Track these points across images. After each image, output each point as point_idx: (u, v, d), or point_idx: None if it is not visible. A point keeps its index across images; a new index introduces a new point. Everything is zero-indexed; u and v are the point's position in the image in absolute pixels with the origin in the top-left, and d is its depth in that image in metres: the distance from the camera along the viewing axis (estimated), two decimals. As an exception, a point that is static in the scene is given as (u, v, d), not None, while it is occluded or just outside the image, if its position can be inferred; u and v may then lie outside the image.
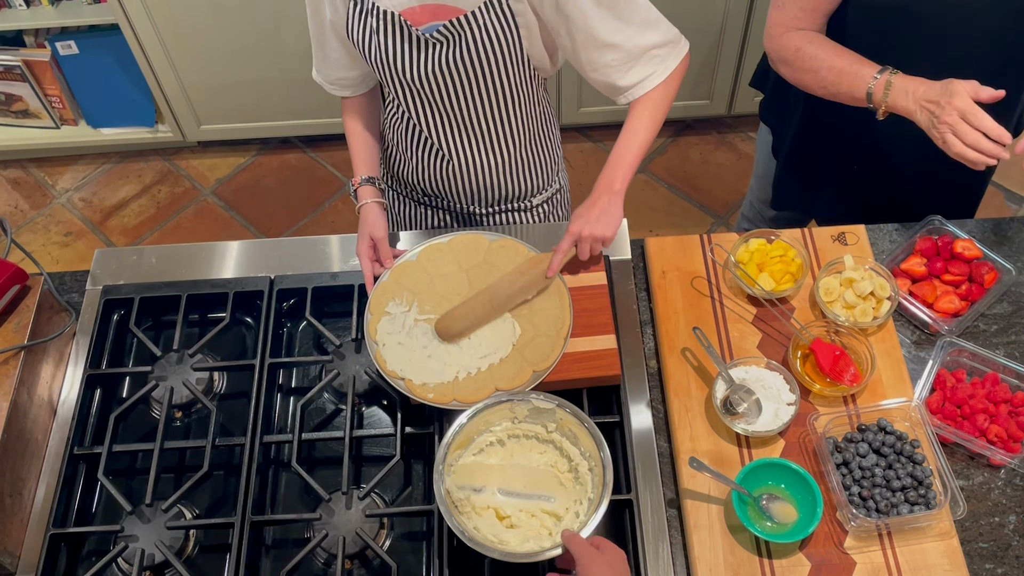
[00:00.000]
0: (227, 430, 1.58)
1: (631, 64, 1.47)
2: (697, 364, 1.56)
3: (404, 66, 1.49)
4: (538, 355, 1.47)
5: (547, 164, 1.77)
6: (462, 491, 1.36)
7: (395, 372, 1.46)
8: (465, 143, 1.64)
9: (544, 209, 1.84)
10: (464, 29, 1.42)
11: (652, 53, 1.48)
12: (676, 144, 3.35)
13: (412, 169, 1.76)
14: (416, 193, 1.83)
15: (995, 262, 1.63)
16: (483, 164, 1.68)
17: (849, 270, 1.61)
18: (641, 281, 1.69)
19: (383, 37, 1.47)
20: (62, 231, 3.24)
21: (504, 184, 1.74)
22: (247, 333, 1.71)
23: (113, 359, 1.65)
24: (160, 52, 2.93)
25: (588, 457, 1.37)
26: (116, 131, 3.29)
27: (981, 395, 1.49)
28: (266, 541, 1.48)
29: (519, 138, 1.66)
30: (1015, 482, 1.45)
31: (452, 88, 1.52)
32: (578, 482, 1.38)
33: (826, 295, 1.59)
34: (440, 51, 1.46)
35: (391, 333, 1.50)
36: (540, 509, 1.36)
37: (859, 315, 1.57)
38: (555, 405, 1.38)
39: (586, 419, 1.36)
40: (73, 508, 1.50)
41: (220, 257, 1.75)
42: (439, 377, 1.46)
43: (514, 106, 1.58)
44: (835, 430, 1.46)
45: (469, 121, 1.59)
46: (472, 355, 1.49)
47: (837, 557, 1.37)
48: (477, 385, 1.45)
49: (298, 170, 3.37)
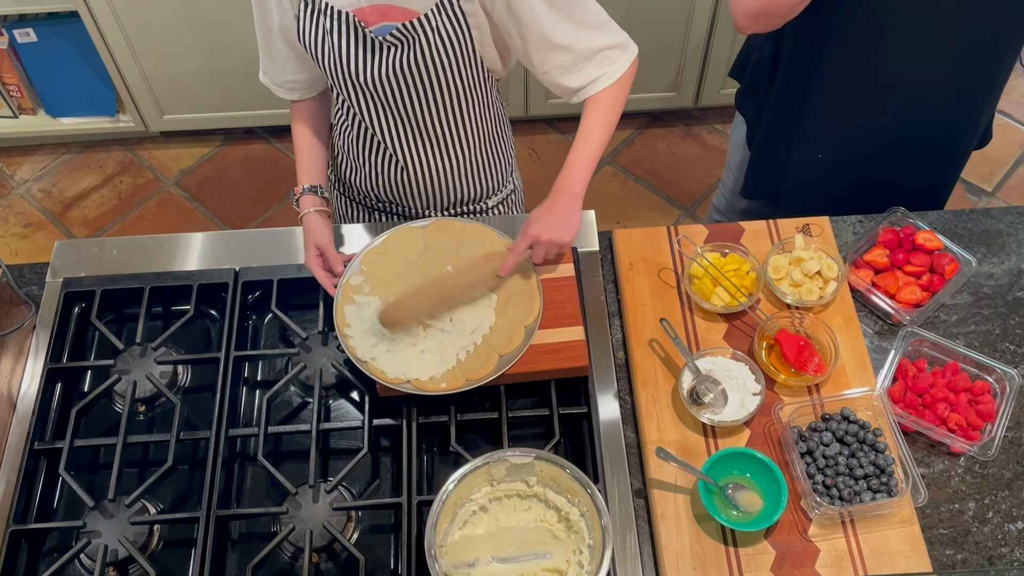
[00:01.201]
0: (192, 424, 1.57)
1: (582, 65, 1.47)
2: (664, 355, 1.57)
3: (358, 69, 1.48)
4: (521, 311, 1.50)
5: (501, 166, 1.77)
6: (457, 569, 1.33)
7: (400, 379, 1.44)
8: (419, 147, 1.63)
9: (499, 210, 1.83)
10: (417, 32, 1.41)
11: (603, 55, 1.47)
12: (643, 136, 3.36)
13: (364, 176, 1.74)
14: (369, 199, 1.81)
15: (956, 253, 1.66)
16: (438, 168, 1.67)
17: (799, 249, 1.63)
18: (609, 273, 1.70)
19: (336, 38, 1.45)
20: (21, 222, 3.18)
21: (459, 187, 1.73)
22: (212, 326, 1.69)
23: (74, 353, 1.62)
24: (121, 40, 2.88)
25: (577, 503, 1.36)
26: (76, 121, 3.23)
27: (942, 384, 1.52)
28: (232, 535, 1.47)
29: (474, 141, 1.65)
30: (974, 469, 1.47)
31: (406, 91, 1.50)
32: (572, 531, 1.37)
33: (774, 272, 1.62)
34: (393, 54, 1.45)
35: (375, 345, 1.48)
36: (540, 568, 1.35)
37: (804, 294, 1.59)
38: (532, 458, 1.36)
39: (567, 464, 1.34)
40: (34, 504, 1.47)
41: (184, 249, 1.72)
42: (443, 366, 1.45)
43: (468, 109, 1.58)
44: (799, 419, 1.48)
45: (423, 124, 1.58)
46: (463, 333, 1.49)
47: (801, 544, 1.39)
48: (480, 360, 1.46)
49: (263, 161, 3.33)
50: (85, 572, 1.43)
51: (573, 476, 1.33)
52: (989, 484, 1.46)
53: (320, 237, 1.58)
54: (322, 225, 1.60)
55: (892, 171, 1.84)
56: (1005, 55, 1.69)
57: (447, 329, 1.49)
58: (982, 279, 1.69)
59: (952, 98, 1.73)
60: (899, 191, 1.83)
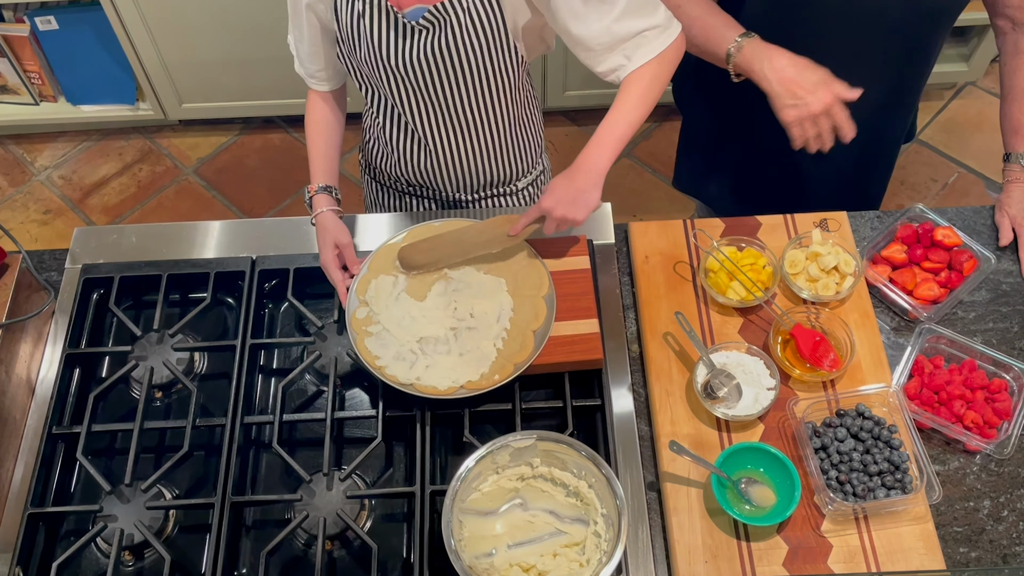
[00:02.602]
0: (208, 411, 1.58)
1: (616, 48, 1.44)
2: (679, 348, 1.56)
3: (389, 52, 1.48)
4: (532, 285, 1.53)
5: (531, 148, 1.77)
6: (479, 561, 1.34)
7: (453, 387, 1.44)
8: (449, 130, 1.63)
9: (529, 192, 1.83)
10: (449, 14, 1.41)
11: (640, 37, 1.44)
12: (661, 129, 3.34)
13: (395, 161, 1.74)
14: (400, 183, 1.82)
15: (974, 250, 1.64)
16: (468, 151, 1.67)
17: (816, 244, 1.62)
18: (624, 265, 1.69)
19: (368, 22, 1.45)
20: (41, 209, 3.21)
21: (489, 170, 1.73)
22: (228, 314, 1.70)
23: (92, 338, 1.64)
24: (141, 28, 2.89)
25: (584, 475, 1.37)
26: (96, 108, 3.25)
27: (958, 381, 1.51)
28: (246, 522, 1.48)
29: (503, 123, 1.65)
30: (990, 467, 1.46)
31: (437, 75, 1.50)
32: (584, 502, 1.38)
33: (791, 267, 1.61)
34: (425, 37, 1.45)
35: (412, 366, 1.47)
36: (559, 545, 1.36)
37: (821, 289, 1.58)
38: (534, 440, 1.36)
39: (565, 439, 1.35)
40: (51, 488, 1.49)
41: (201, 237, 1.73)
42: (487, 360, 1.47)
43: (498, 91, 1.57)
44: (814, 415, 1.48)
45: (453, 108, 1.58)
46: (490, 323, 1.50)
47: (814, 540, 1.38)
48: (518, 342, 1.48)
49: (281, 150, 3.35)
50: (101, 556, 1.44)
51: (574, 448, 1.35)
52: (1005, 482, 1.45)
53: (340, 235, 1.58)
54: (339, 222, 1.60)
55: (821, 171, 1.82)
56: (927, 58, 1.70)
57: (474, 325, 1.50)
58: (1000, 276, 1.67)
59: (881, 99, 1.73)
60: (829, 191, 1.85)
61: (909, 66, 1.69)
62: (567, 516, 1.38)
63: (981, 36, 3.16)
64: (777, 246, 1.66)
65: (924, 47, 1.67)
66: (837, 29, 1.60)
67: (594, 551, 1.33)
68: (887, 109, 1.77)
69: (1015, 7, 1.63)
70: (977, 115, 3.34)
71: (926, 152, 3.24)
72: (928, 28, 1.62)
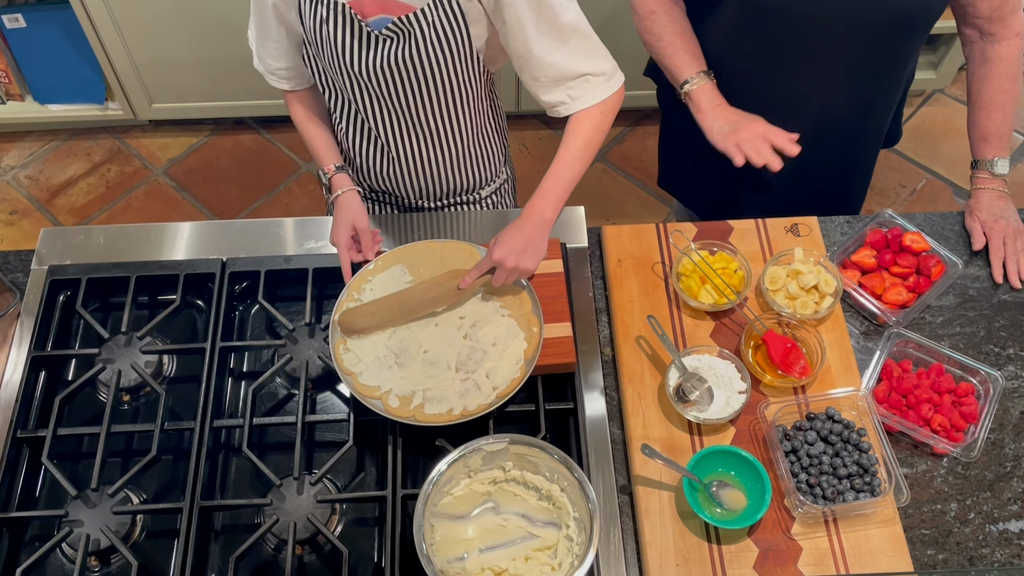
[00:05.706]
0: (176, 414, 1.56)
1: (560, 84, 1.48)
2: (651, 352, 1.57)
3: (353, 59, 1.47)
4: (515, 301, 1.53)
5: (495, 157, 1.77)
6: (450, 565, 1.33)
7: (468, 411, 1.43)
8: (413, 138, 1.62)
9: (492, 200, 1.83)
10: (413, 26, 1.41)
11: (584, 79, 1.48)
12: (634, 133, 3.36)
13: (358, 166, 1.73)
14: (362, 188, 1.80)
15: (942, 255, 1.66)
16: (431, 159, 1.67)
17: (797, 262, 1.63)
18: (597, 269, 1.70)
19: (332, 28, 1.45)
20: (7, 209, 3.16)
21: (452, 178, 1.73)
22: (198, 316, 1.69)
23: (59, 341, 1.61)
24: (111, 27, 2.86)
25: (556, 479, 1.37)
26: (64, 108, 3.21)
27: (926, 385, 1.53)
28: (215, 526, 1.47)
29: (467, 133, 1.65)
30: (957, 470, 1.48)
31: (400, 84, 1.50)
32: (556, 506, 1.38)
33: (771, 283, 1.62)
34: (389, 47, 1.44)
35: (413, 395, 1.45)
36: (531, 549, 1.35)
37: (799, 307, 1.59)
38: (507, 443, 1.36)
39: (538, 443, 1.35)
40: (16, 492, 1.46)
41: (171, 238, 1.71)
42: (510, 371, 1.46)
43: (462, 102, 1.57)
44: (784, 418, 1.49)
45: (417, 116, 1.57)
46: (486, 347, 1.49)
47: (784, 543, 1.39)
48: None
49: (252, 151, 3.32)
50: (67, 561, 1.42)
51: (546, 451, 1.34)
52: (971, 485, 1.47)
53: (360, 219, 1.58)
54: (361, 204, 1.60)
55: (800, 175, 1.85)
56: (904, 63, 1.73)
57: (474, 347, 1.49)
58: (968, 281, 1.69)
59: (857, 105, 1.76)
60: (809, 194, 1.87)
61: (884, 72, 1.71)
62: (539, 520, 1.38)
63: (949, 44, 3.21)
64: (748, 251, 1.67)
65: (899, 53, 1.69)
66: (811, 35, 1.61)
67: (566, 555, 1.33)
68: (862, 115, 1.79)
69: (983, 17, 1.66)
70: (945, 122, 3.39)
71: (895, 158, 3.28)
72: (901, 35, 1.64)
